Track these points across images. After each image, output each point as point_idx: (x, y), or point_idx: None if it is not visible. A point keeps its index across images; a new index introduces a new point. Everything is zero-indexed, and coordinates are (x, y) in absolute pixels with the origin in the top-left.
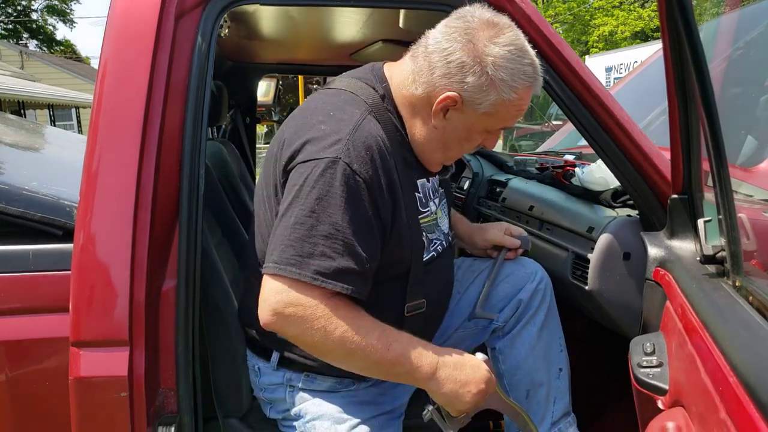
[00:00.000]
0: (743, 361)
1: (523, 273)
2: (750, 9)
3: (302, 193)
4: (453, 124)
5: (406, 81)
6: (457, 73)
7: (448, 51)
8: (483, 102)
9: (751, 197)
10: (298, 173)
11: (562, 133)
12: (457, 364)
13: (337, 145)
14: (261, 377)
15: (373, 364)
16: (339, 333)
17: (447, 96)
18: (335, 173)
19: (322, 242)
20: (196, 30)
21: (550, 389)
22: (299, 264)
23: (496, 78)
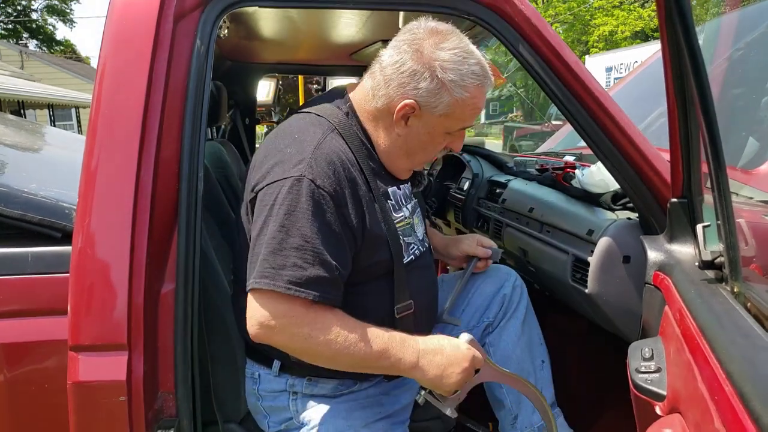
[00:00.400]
0: (739, 370)
1: (501, 273)
2: (750, 9)
3: (273, 211)
4: (414, 130)
5: (366, 97)
6: (411, 81)
7: (399, 62)
8: (438, 105)
9: (752, 200)
10: (267, 194)
11: (561, 133)
12: (437, 349)
13: (301, 164)
14: (261, 384)
15: (360, 361)
16: (323, 337)
17: (405, 104)
18: (300, 189)
19: (293, 254)
20: (194, 32)
21: (536, 380)
22: (273, 276)
23: (446, 80)
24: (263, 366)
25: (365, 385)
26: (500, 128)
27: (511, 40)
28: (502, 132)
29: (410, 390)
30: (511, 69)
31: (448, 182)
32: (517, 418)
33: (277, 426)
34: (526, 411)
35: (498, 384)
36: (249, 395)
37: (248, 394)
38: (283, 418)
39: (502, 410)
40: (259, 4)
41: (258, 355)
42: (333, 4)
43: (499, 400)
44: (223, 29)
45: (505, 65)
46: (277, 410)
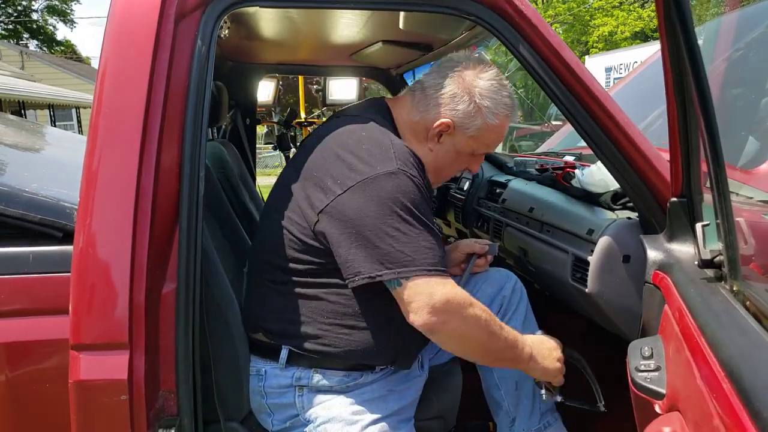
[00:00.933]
0: (738, 368)
1: (500, 275)
2: (750, 9)
3: (384, 207)
4: (445, 147)
5: (405, 109)
6: (450, 103)
7: (441, 85)
8: (471, 127)
9: (751, 199)
10: (365, 190)
11: (561, 133)
12: (537, 342)
13: (390, 160)
14: (267, 380)
15: (500, 350)
16: (483, 319)
17: (442, 122)
18: (401, 182)
19: (422, 238)
20: (195, 32)
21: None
22: (415, 262)
23: (482, 105)
24: (269, 361)
25: (371, 377)
26: None
27: (511, 40)
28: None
29: (415, 386)
30: (511, 69)
31: (448, 182)
32: (515, 421)
33: (281, 424)
34: (523, 414)
35: (496, 386)
36: (253, 393)
37: (253, 392)
38: (288, 416)
39: (500, 412)
40: (260, 4)
41: (264, 350)
42: (333, 5)
43: (497, 401)
44: (224, 29)
45: (505, 65)
46: (282, 407)
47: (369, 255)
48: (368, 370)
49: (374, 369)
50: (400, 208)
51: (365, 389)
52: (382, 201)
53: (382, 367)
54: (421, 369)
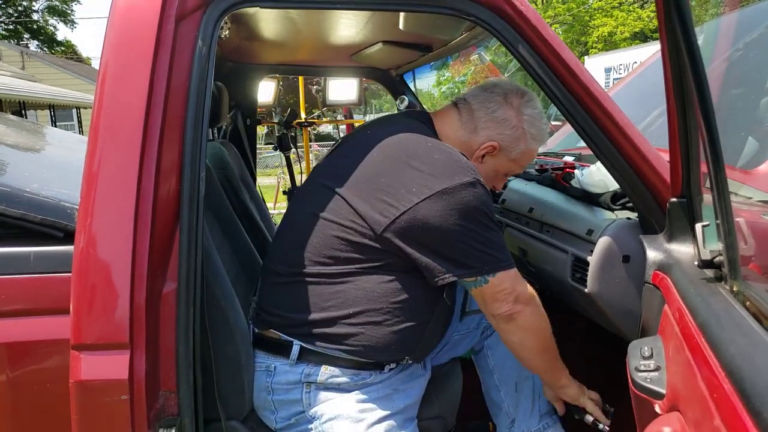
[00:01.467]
0: (738, 368)
1: None
2: (749, 10)
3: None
4: (486, 166)
5: (453, 127)
6: (499, 127)
7: (491, 109)
8: (514, 150)
9: (751, 199)
10: (449, 201)
11: (561, 133)
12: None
13: (466, 170)
14: (275, 377)
15: (555, 357)
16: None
17: (490, 145)
18: (478, 192)
19: (499, 239)
20: (196, 33)
21: (534, 384)
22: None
23: (528, 132)
24: (279, 356)
25: (378, 377)
26: None
27: (511, 40)
28: None
29: (418, 385)
30: (511, 69)
31: None
32: (514, 422)
33: (286, 421)
34: (523, 415)
35: (496, 387)
36: (259, 390)
37: (259, 388)
38: (293, 413)
39: (500, 413)
40: (261, 4)
41: (273, 347)
42: (333, 5)
43: (497, 403)
44: (224, 30)
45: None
46: (288, 404)
47: (457, 258)
48: (377, 369)
49: (383, 369)
50: (481, 215)
51: (371, 388)
52: (467, 210)
53: (391, 366)
54: (424, 368)
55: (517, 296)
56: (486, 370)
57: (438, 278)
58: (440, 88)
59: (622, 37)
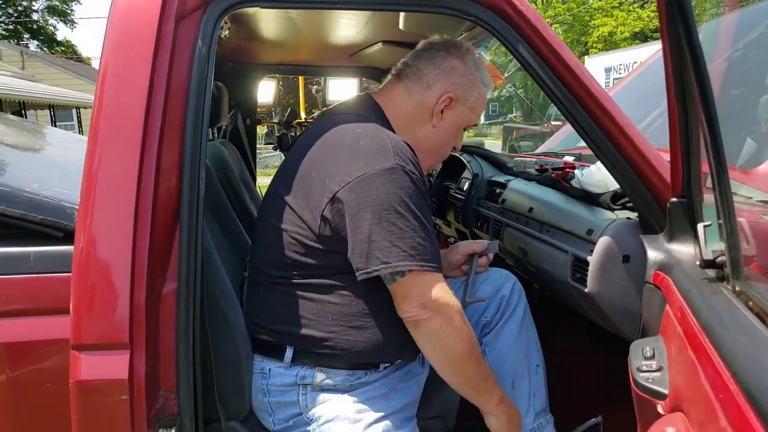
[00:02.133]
0: (744, 368)
1: (500, 275)
2: (749, 9)
3: (381, 201)
4: (447, 122)
5: (400, 98)
6: (449, 77)
7: (437, 63)
8: (469, 98)
9: (751, 199)
10: (365, 187)
11: (561, 133)
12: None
13: (388, 156)
14: (270, 379)
15: (475, 374)
16: (468, 332)
17: (447, 96)
18: (399, 177)
19: (419, 235)
20: (196, 32)
21: (530, 383)
22: (411, 257)
23: (476, 76)
24: (274, 359)
25: (374, 375)
26: (500, 129)
27: (511, 40)
28: (502, 132)
29: (416, 384)
30: (511, 69)
31: (447, 182)
32: None
33: (283, 423)
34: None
35: None
36: (256, 392)
37: (256, 390)
38: (291, 414)
39: None
40: (260, 4)
41: (268, 349)
42: (333, 5)
43: None
44: (224, 30)
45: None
46: (285, 406)
47: (368, 252)
48: (373, 369)
49: (378, 368)
50: (398, 204)
51: (368, 387)
52: (380, 197)
53: (386, 365)
54: (422, 366)
55: (424, 301)
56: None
57: (358, 273)
58: None
59: (622, 37)
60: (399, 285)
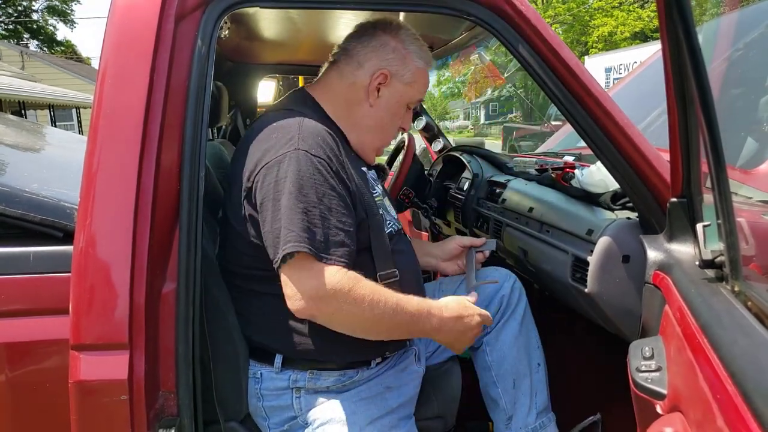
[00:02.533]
0: (741, 368)
1: (500, 274)
2: (750, 9)
3: (279, 187)
4: (385, 99)
5: (333, 82)
6: (380, 53)
7: (365, 41)
8: (405, 73)
9: (751, 199)
10: (267, 175)
11: (561, 133)
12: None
13: (291, 141)
14: (263, 383)
15: (396, 326)
16: (367, 301)
17: (380, 73)
18: (299, 160)
19: (315, 220)
20: (196, 32)
21: (532, 381)
22: (302, 240)
23: (410, 50)
24: (265, 364)
25: (366, 373)
26: (500, 128)
27: (511, 40)
28: (502, 132)
29: (413, 382)
30: (511, 69)
31: (447, 182)
32: (511, 419)
33: (279, 427)
34: (521, 411)
35: (494, 383)
36: (251, 396)
37: (250, 395)
38: (286, 418)
39: (497, 410)
40: (260, 4)
41: (259, 354)
42: (333, 5)
43: (494, 399)
44: (224, 30)
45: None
46: (279, 410)
47: (273, 240)
48: (363, 366)
49: (369, 365)
50: (294, 186)
51: (362, 387)
52: (279, 182)
53: (377, 361)
54: (418, 362)
55: (303, 291)
56: (484, 366)
57: (275, 266)
58: (440, 88)
59: (622, 36)
60: (282, 271)
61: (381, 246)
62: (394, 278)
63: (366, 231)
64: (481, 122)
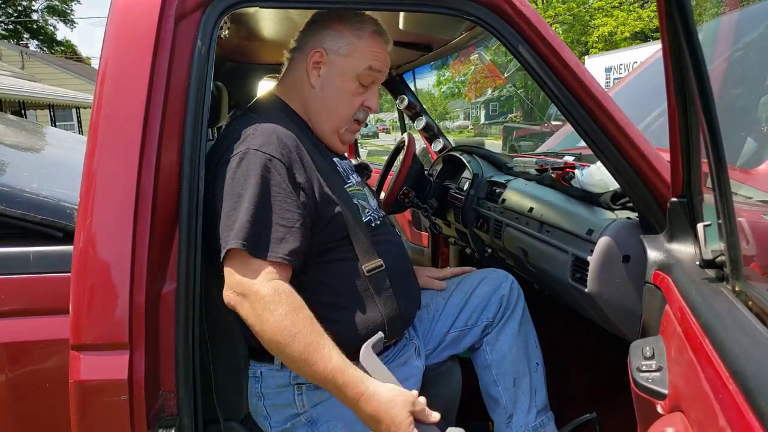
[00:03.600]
0: (743, 368)
1: (498, 275)
2: (750, 9)
3: (228, 184)
4: (327, 77)
5: (288, 75)
6: (314, 34)
7: (302, 31)
8: (341, 46)
9: (751, 199)
10: (220, 172)
11: (561, 133)
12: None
13: (245, 141)
14: (263, 381)
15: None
16: (283, 311)
17: (313, 52)
18: (248, 160)
19: (258, 218)
20: (196, 32)
21: (531, 381)
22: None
23: (344, 26)
24: (265, 363)
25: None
26: (500, 128)
27: (511, 40)
28: (502, 132)
29: (414, 378)
30: (511, 69)
31: (447, 182)
32: (512, 418)
33: (281, 425)
34: (521, 410)
35: (494, 382)
36: (251, 396)
37: (250, 395)
38: (288, 416)
39: (497, 409)
40: (260, 4)
41: (259, 353)
42: (333, 5)
43: (494, 398)
44: (224, 30)
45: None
46: (281, 408)
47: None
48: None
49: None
50: (239, 185)
51: None
52: (228, 182)
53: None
54: (418, 357)
55: (234, 285)
56: (484, 366)
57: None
58: (440, 88)
59: (622, 36)
60: (224, 263)
61: (360, 236)
62: (379, 268)
63: (340, 220)
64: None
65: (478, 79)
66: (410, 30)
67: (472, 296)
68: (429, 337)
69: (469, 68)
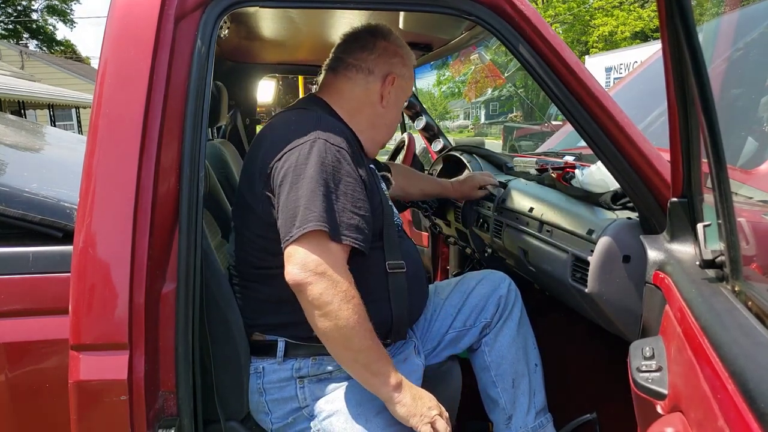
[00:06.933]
0: (742, 368)
1: (496, 276)
2: (750, 9)
3: (299, 171)
4: (394, 98)
5: (343, 88)
6: (386, 59)
7: (369, 49)
8: (405, 73)
9: (751, 199)
10: (287, 161)
11: (562, 133)
12: (416, 390)
13: (311, 132)
14: (265, 377)
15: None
16: (353, 304)
17: (391, 75)
18: (319, 148)
19: (334, 204)
20: (195, 32)
21: (530, 381)
22: (317, 219)
23: (404, 51)
24: (267, 357)
25: None
26: (500, 128)
27: (511, 40)
28: (502, 132)
29: (414, 375)
30: (511, 69)
31: None
32: (511, 419)
33: (282, 420)
34: (520, 411)
35: (493, 383)
36: (252, 393)
37: (252, 392)
38: (289, 410)
39: (496, 410)
40: (260, 4)
41: (260, 349)
42: (333, 5)
43: (494, 399)
44: (223, 29)
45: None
46: (283, 402)
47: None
48: None
49: None
50: (313, 169)
51: None
52: (299, 166)
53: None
54: (418, 355)
55: (304, 263)
56: (483, 367)
57: (283, 243)
58: (440, 88)
59: (622, 36)
60: (295, 243)
61: (391, 235)
62: (401, 269)
63: (380, 218)
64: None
65: (478, 79)
66: (410, 30)
67: (470, 296)
68: (427, 336)
69: (469, 68)
